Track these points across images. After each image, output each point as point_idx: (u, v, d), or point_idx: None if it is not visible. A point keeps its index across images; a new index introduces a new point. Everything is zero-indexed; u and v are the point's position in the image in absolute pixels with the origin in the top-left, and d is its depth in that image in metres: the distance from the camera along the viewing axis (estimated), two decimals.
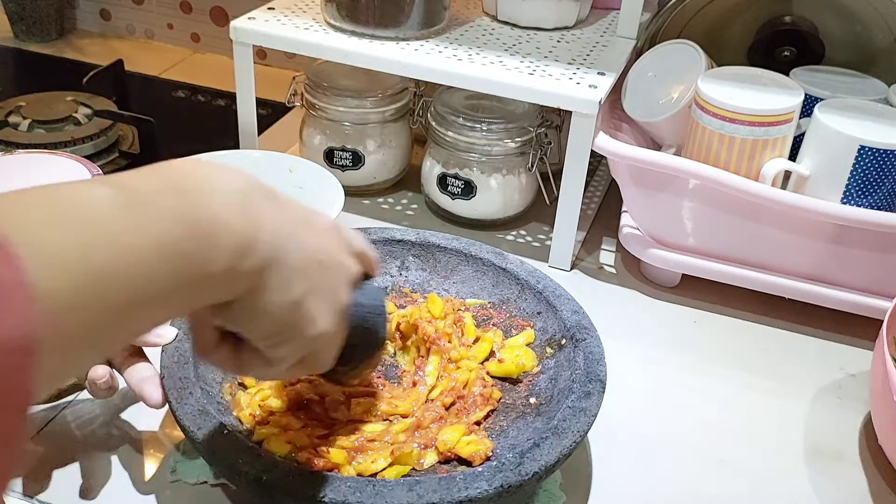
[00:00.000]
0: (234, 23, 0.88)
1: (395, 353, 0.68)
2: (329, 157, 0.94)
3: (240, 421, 0.58)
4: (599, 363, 0.61)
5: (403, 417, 0.61)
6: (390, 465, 0.56)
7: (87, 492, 0.59)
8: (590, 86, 0.80)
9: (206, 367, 0.60)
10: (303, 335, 0.45)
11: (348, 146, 0.93)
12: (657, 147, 0.88)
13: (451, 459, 0.58)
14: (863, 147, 0.73)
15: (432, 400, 0.63)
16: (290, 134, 1.02)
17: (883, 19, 0.89)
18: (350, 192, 0.88)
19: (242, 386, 0.62)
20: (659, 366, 0.75)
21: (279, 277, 0.42)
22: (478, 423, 0.61)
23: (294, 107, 0.96)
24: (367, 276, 0.53)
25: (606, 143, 0.79)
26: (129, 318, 0.35)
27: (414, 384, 0.64)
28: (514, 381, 0.65)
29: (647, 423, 0.68)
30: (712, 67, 0.83)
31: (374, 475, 0.55)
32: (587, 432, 0.55)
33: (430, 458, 0.57)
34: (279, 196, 0.44)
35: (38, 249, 0.31)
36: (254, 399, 0.60)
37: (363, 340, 0.54)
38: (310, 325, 0.45)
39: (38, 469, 0.60)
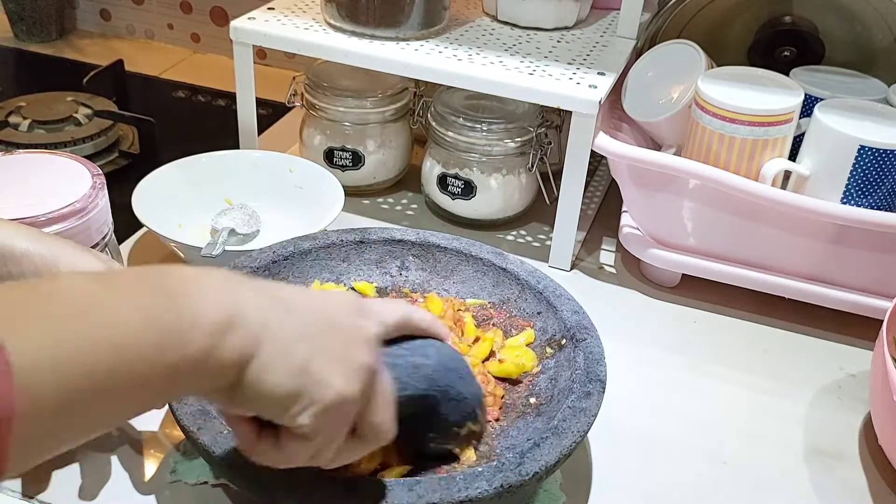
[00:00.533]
0: (234, 23, 0.88)
1: None
2: (329, 157, 0.94)
3: None
4: (599, 363, 0.61)
5: None
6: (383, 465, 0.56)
7: (86, 492, 0.59)
8: (590, 86, 0.80)
9: None
10: (319, 399, 0.43)
11: (348, 146, 0.93)
12: (657, 147, 0.88)
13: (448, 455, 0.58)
14: (863, 147, 0.73)
15: None
16: (290, 134, 1.03)
17: (883, 19, 0.89)
18: (350, 192, 0.88)
19: None
20: (659, 366, 0.75)
21: (273, 351, 0.42)
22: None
23: (294, 107, 0.96)
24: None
25: (606, 143, 0.79)
26: (109, 396, 0.36)
27: None
28: (514, 382, 0.65)
29: (647, 423, 0.68)
30: (712, 67, 0.83)
31: (373, 474, 0.55)
32: (587, 432, 0.55)
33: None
34: (261, 283, 0.45)
35: (19, 335, 0.32)
36: None
37: (440, 401, 0.54)
38: (324, 389, 0.43)
39: (38, 469, 0.59)
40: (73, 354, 0.34)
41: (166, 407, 0.56)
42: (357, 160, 0.94)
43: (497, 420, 0.61)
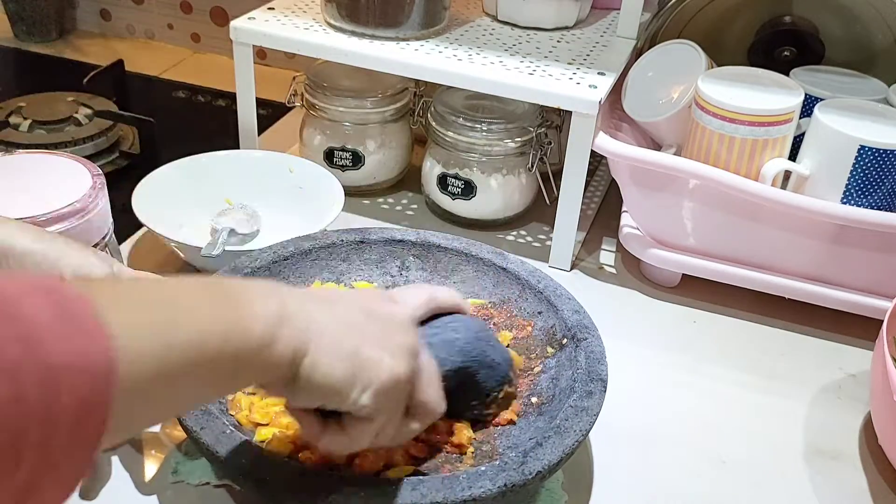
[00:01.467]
0: (234, 23, 0.88)
1: None
2: (329, 157, 0.94)
3: (238, 423, 0.58)
4: (601, 363, 0.61)
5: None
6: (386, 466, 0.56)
7: (87, 492, 0.58)
8: (590, 86, 0.80)
9: None
10: (376, 380, 0.46)
11: (348, 146, 0.93)
12: (657, 147, 0.88)
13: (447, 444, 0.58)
14: (863, 147, 0.73)
15: None
16: (290, 134, 1.02)
17: (883, 19, 0.90)
18: (350, 192, 0.88)
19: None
20: (659, 366, 0.75)
21: (324, 339, 0.45)
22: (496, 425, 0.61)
23: (294, 107, 0.96)
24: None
25: (606, 143, 0.79)
26: (187, 379, 0.39)
27: None
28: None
29: (647, 423, 0.69)
30: (712, 67, 0.83)
31: (377, 474, 0.55)
32: (589, 431, 0.56)
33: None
34: (302, 289, 0.50)
35: (112, 307, 0.36)
36: (263, 409, 0.59)
37: (477, 369, 0.58)
38: (377, 369, 0.46)
39: None
40: (155, 332, 0.37)
41: None
42: (357, 160, 0.94)
43: (512, 422, 0.61)
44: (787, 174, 0.80)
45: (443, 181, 0.90)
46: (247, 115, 0.94)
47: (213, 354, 0.39)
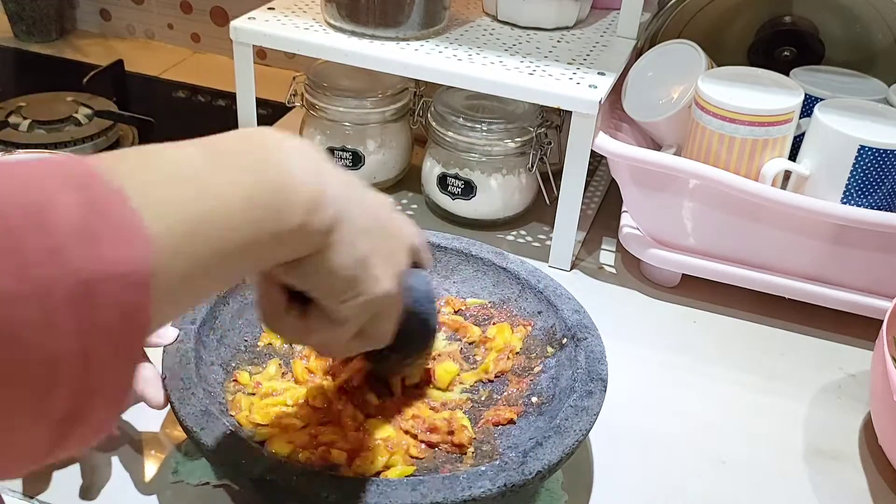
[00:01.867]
0: (234, 23, 0.88)
1: None
2: (329, 157, 0.94)
3: (238, 423, 0.58)
4: (601, 362, 0.61)
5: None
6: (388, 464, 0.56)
7: (87, 492, 0.59)
8: (590, 86, 0.80)
9: (207, 368, 0.61)
10: (369, 292, 0.46)
11: (348, 146, 0.93)
12: (657, 147, 0.88)
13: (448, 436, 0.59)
14: (863, 147, 0.73)
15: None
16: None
17: (883, 19, 0.90)
18: None
19: (244, 390, 0.62)
20: (659, 366, 0.75)
21: (345, 235, 0.44)
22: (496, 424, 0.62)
23: (294, 107, 0.96)
24: (416, 267, 0.55)
25: (606, 143, 0.79)
26: (222, 264, 0.38)
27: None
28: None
29: (647, 423, 0.69)
30: (712, 67, 0.83)
31: (376, 475, 0.55)
32: (589, 431, 0.56)
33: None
34: (341, 169, 0.47)
35: (148, 201, 0.34)
36: (263, 409, 0.59)
37: (415, 327, 0.57)
38: (375, 283, 0.46)
39: (38, 469, 0.59)
40: (191, 227, 0.36)
41: (168, 407, 0.56)
42: (357, 160, 0.94)
43: (512, 422, 0.61)
44: (787, 174, 0.80)
45: (443, 181, 0.90)
46: (247, 115, 0.94)
47: (246, 244, 0.38)
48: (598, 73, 0.83)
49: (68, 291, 0.29)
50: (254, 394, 0.61)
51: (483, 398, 0.64)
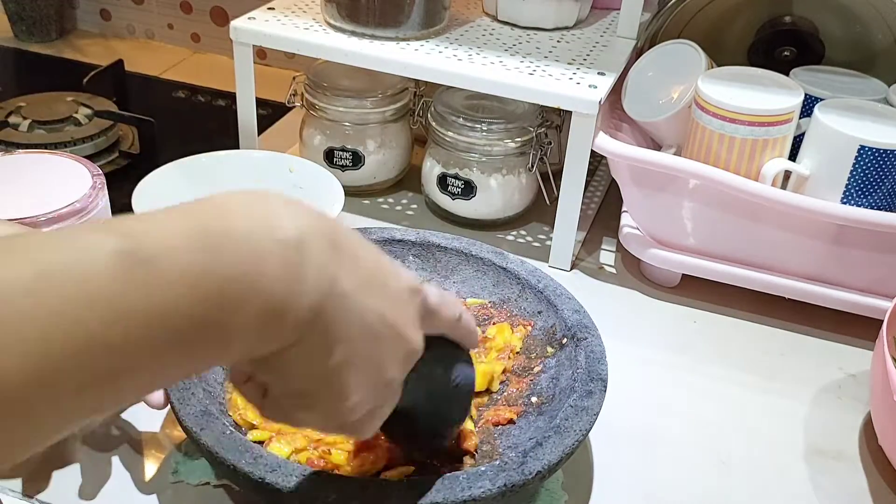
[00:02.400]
0: (234, 23, 0.88)
1: None
2: (329, 157, 0.94)
3: (237, 423, 0.58)
4: (601, 362, 0.61)
5: None
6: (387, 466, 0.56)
7: (87, 492, 0.59)
8: (590, 86, 0.80)
9: None
10: (332, 406, 0.40)
11: (348, 146, 0.93)
12: (657, 147, 0.88)
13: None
14: (863, 147, 0.73)
15: None
16: (290, 134, 1.02)
17: (883, 19, 0.90)
18: (350, 192, 0.88)
19: None
20: (659, 366, 0.75)
21: (319, 342, 0.36)
22: (496, 424, 0.61)
23: (294, 107, 0.96)
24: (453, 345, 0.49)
25: (606, 143, 0.79)
26: (120, 385, 0.31)
27: None
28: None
29: (647, 423, 0.69)
30: (712, 67, 0.83)
31: (376, 475, 0.55)
32: (589, 431, 0.56)
33: None
34: (352, 243, 0.38)
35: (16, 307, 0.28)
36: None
37: (431, 426, 0.52)
38: (340, 398, 0.39)
39: (38, 469, 0.59)
40: (80, 347, 0.29)
41: (168, 407, 0.56)
42: (357, 160, 0.94)
43: (512, 422, 0.61)
44: (787, 174, 0.80)
45: (443, 181, 0.90)
46: (247, 115, 0.94)
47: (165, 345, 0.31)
48: (598, 73, 0.83)
49: None
50: None
51: (483, 398, 0.64)
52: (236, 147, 0.95)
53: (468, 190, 0.89)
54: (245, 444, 0.52)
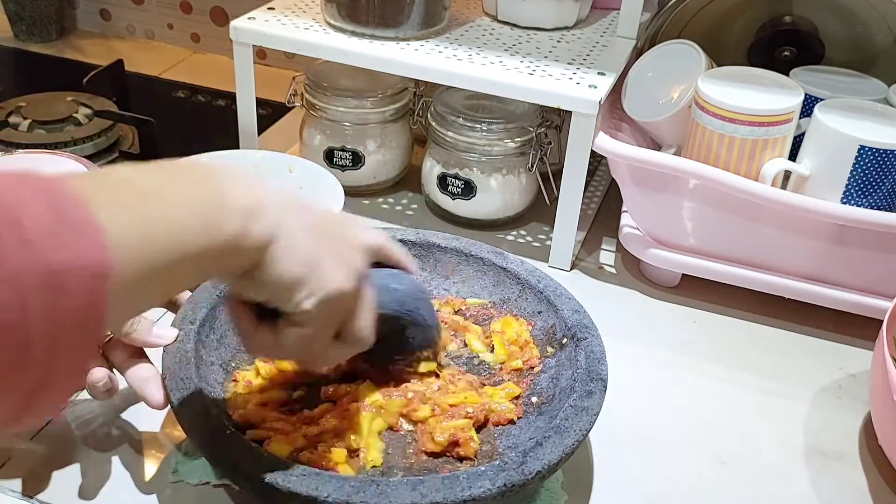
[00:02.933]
0: (234, 23, 0.88)
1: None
2: (329, 157, 0.94)
3: (237, 422, 0.58)
4: (601, 362, 0.61)
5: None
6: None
7: (87, 492, 0.59)
8: (590, 86, 0.80)
9: (207, 368, 0.61)
10: (322, 288, 0.49)
11: (348, 146, 0.93)
12: (657, 147, 0.88)
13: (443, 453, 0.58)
14: (863, 147, 0.73)
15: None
16: (290, 134, 1.02)
17: (883, 19, 0.90)
18: (350, 192, 0.88)
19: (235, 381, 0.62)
20: (659, 366, 0.75)
21: (288, 239, 0.47)
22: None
23: (294, 107, 0.96)
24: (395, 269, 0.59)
25: (606, 143, 0.79)
26: (171, 267, 0.41)
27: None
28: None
29: (647, 423, 0.69)
30: (712, 67, 0.83)
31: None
32: (589, 431, 0.56)
33: (423, 412, 0.60)
34: (289, 190, 0.51)
35: (105, 207, 0.38)
36: (242, 394, 0.60)
37: (403, 326, 0.59)
38: (326, 280, 0.49)
39: (38, 469, 0.60)
40: (143, 230, 0.39)
41: (168, 407, 0.56)
42: (357, 160, 0.94)
43: (512, 422, 0.61)
44: (787, 174, 0.80)
45: (443, 181, 0.90)
46: (247, 115, 0.94)
47: (193, 249, 0.42)
48: (598, 73, 0.83)
49: (38, 279, 0.34)
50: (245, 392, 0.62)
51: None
52: (236, 147, 0.95)
53: (468, 190, 0.89)
54: (244, 443, 0.52)
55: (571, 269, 0.87)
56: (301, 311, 0.49)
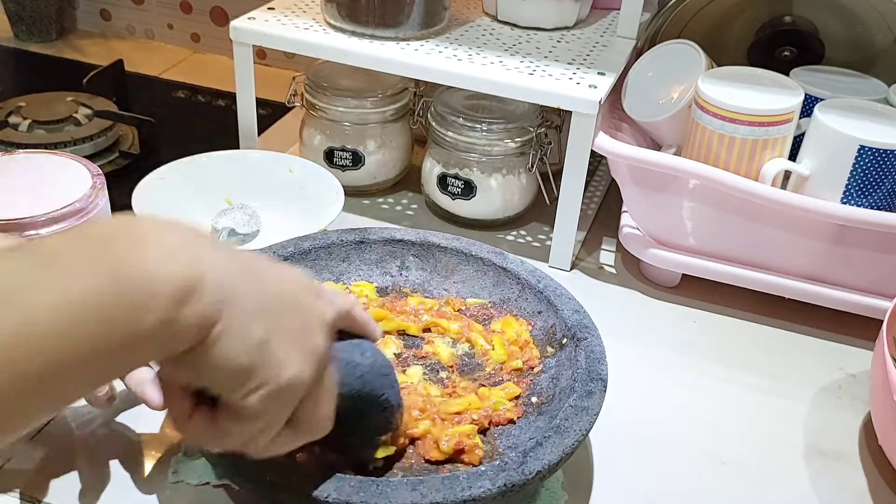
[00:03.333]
0: (234, 23, 0.88)
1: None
2: (329, 157, 0.94)
3: None
4: (601, 362, 0.61)
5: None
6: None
7: (87, 493, 0.59)
8: (590, 86, 0.80)
9: None
10: (274, 380, 0.41)
11: (348, 146, 0.93)
12: (657, 147, 0.88)
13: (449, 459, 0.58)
14: (863, 147, 0.73)
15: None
16: (290, 134, 1.02)
17: (883, 19, 0.90)
18: (350, 192, 0.88)
19: None
20: (659, 366, 0.75)
21: (235, 320, 0.39)
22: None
23: (294, 107, 0.96)
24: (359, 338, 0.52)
25: (606, 143, 0.79)
26: (49, 384, 0.34)
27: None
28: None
29: (647, 423, 0.69)
30: (712, 67, 0.83)
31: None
32: (589, 431, 0.56)
33: (422, 428, 0.58)
34: (230, 247, 0.42)
35: None
36: None
37: (363, 407, 0.52)
38: (279, 368, 0.42)
39: (38, 470, 0.60)
40: (5, 343, 0.32)
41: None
42: (357, 160, 0.94)
43: (512, 422, 0.61)
44: (787, 174, 0.80)
45: (443, 181, 0.90)
46: (247, 115, 0.94)
47: (87, 352, 0.35)
48: (598, 73, 0.83)
49: None
50: None
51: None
52: (236, 147, 0.95)
53: (468, 190, 0.89)
54: None
55: (571, 269, 0.87)
56: (246, 406, 0.41)
